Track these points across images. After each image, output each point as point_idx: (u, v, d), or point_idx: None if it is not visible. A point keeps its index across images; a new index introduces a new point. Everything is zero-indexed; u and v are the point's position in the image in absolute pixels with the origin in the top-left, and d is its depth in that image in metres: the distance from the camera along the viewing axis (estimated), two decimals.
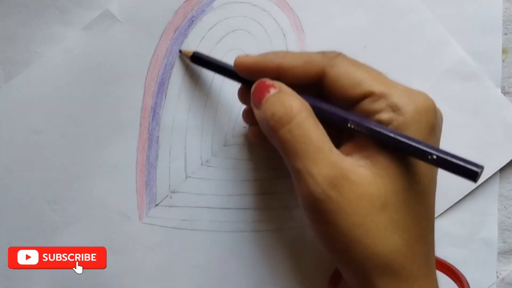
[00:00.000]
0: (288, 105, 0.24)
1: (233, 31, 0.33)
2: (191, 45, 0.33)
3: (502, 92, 0.34)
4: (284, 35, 0.33)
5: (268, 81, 0.26)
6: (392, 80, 0.25)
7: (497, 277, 0.34)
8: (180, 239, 0.34)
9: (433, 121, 0.24)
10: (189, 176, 0.34)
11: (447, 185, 0.32)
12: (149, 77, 0.33)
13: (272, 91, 0.25)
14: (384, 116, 0.24)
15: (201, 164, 0.33)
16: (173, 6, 0.32)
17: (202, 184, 0.33)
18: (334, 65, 0.25)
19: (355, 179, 0.23)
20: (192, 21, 0.33)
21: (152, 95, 0.33)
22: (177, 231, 0.34)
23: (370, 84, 0.24)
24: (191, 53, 0.31)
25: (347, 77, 0.25)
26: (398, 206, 0.23)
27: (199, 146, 0.34)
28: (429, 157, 0.22)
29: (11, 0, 0.36)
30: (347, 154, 0.24)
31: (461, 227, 0.34)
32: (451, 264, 0.30)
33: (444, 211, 0.34)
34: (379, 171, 0.23)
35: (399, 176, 0.23)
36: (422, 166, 0.24)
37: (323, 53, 0.26)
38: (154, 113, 0.33)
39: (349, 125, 0.24)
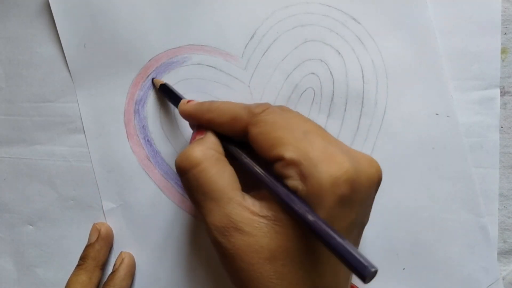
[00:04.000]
0: (189, 157, 0.26)
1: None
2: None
3: (501, 92, 0.34)
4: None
5: (201, 129, 0.28)
6: (312, 144, 0.24)
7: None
8: None
9: (341, 194, 0.23)
10: None
11: None
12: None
13: (198, 137, 0.28)
14: (292, 183, 0.24)
15: None
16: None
17: None
18: (255, 124, 0.26)
19: (248, 230, 0.24)
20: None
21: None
22: None
23: (283, 149, 0.24)
24: (160, 84, 0.34)
25: (264, 138, 0.25)
26: (287, 261, 0.24)
27: None
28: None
29: (11, 0, 0.36)
30: (261, 198, 0.25)
31: (461, 227, 0.34)
32: None
33: (444, 211, 0.34)
34: (276, 226, 0.24)
35: (294, 235, 0.24)
36: None
37: (249, 109, 0.27)
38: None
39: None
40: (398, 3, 0.33)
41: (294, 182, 0.24)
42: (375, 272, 0.20)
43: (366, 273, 0.20)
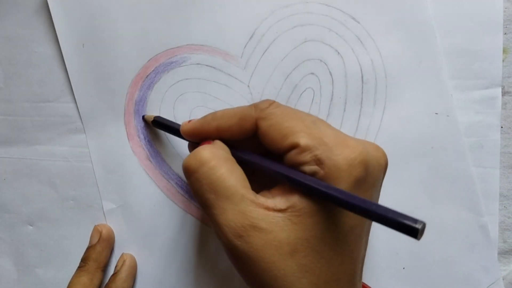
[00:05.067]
0: (198, 156, 0.25)
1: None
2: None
3: (502, 92, 0.34)
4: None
5: (207, 141, 0.28)
6: (323, 131, 0.25)
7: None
8: None
9: (357, 175, 0.24)
10: None
11: None
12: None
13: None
14: (308, 168, 0.24)
15: None
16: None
17: None
18: (265, 117, 0.26)
19: (265, 226, 0.24)
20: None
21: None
22: None
23: (296, 136, 0.24)
24: (152, 118, 0.33)
25: (276, 129, 0.25)
26: (308, 252, 0.24)
27: None
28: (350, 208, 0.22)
29: (11, 0, 0.36)
30: (273, 195, 0.25)
31: (461, 227, 0.34)
32: None
33: (444, 210, 0.34)
34: (294, 217, 0.24)
35: (313, 224, 0.24)
36: (341, 215, 0.24)
37: (255, 106, 0.27)
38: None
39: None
40: (398, 3, 0.33)
41: (312, 167, 0.24)
42: (425, 225, 0.20)
43: (418, 225, 0.20)
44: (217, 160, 0.25)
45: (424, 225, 0.20)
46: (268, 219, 0.24)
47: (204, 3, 0.34)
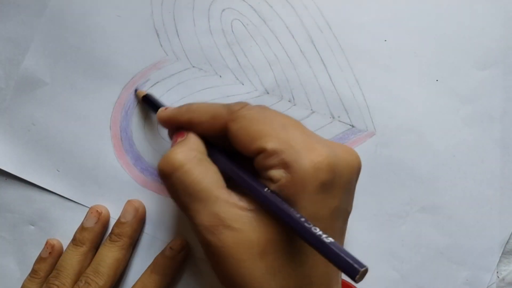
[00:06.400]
0: (171, 160, 0.26)
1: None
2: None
3: None
4: None
5: (181, 131, 0.28)
6: (291, 134, 0.25)
7: (498, 277, 0.34)
8: None
9: (323, 179, 0.23)
10: None
11: None
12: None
13: (179, 139, 0.28)
14: (275, 173, 0.24)
15: None
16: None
17: None
18: (235, 120, 0.26)
19: (237, 226, 0.24)
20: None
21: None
22: None
23: (263, 140, 0.24)
24: (143, 94, 0.34)
25: (244, 133, 0.25)
26: (279, 255, 0.24)
27: None
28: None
29: (11, 0, 0.36)
30: (247, 193, 0.25)
31: (461, 226, 0.33)
32: None
33: (445, 211, 0.33)
34: (265, 218, 0.24)
35: (282, 226, 0.24)
36: (314, 222, 0.24)
37: (228, 107, 0.27)
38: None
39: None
40: None
41: (278, 171, 0.24)
42: (365, 271, 0.20)
43: (355, 273, 0.20)
44: (190, 164, 0.25)
45: (364, 271, 0.20)
46: (241, 219, 0.24)
47: (97, 51, 0.36)
